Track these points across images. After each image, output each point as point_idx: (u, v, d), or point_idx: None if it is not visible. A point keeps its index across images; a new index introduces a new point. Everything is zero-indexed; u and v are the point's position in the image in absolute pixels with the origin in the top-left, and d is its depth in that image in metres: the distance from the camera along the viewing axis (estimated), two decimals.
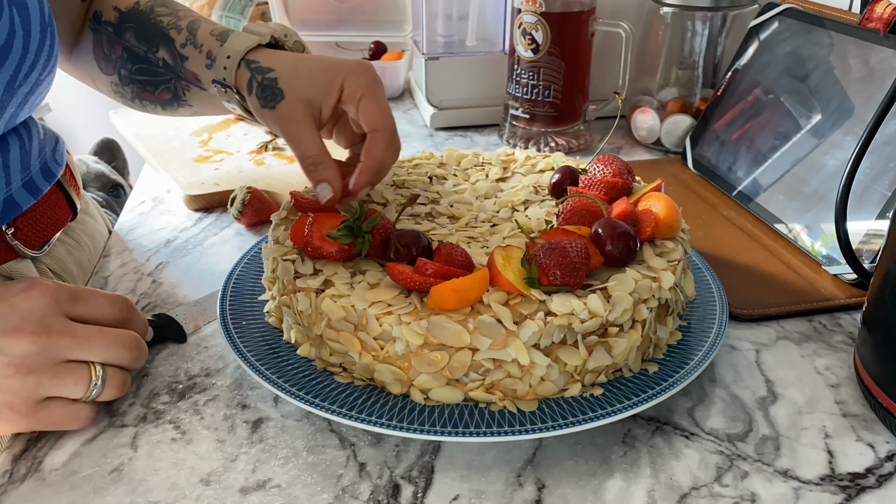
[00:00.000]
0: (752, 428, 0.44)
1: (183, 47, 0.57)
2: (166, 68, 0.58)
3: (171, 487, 0.40)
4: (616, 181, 0.52)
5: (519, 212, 0.54)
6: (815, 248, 0.61)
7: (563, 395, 0.43)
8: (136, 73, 0.60)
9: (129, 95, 0.62)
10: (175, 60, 0.57)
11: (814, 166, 0.65)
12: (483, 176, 0.60)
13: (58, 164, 0.60)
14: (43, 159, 0.57)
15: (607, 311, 0.42)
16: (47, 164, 0.58)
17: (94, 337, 0.42)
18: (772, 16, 0.76)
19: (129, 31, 0.59)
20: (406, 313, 0.41)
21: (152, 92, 0.60)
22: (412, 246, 0.45)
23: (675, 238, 0.49)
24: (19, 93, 0.49)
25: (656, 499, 0.39)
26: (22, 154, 0.54)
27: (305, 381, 0.44)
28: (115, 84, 0.62)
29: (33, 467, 0.41)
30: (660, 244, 0.49)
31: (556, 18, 0.79)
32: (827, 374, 0.49)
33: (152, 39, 0.58)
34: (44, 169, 0.57)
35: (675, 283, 0.46)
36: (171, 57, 0.57)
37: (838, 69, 0.66)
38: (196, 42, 0.56)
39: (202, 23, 0.57)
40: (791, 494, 0.40)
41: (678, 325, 0.49)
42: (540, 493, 0.40)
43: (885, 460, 0.42)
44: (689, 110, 0.84)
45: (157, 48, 0.58)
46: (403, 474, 0.41)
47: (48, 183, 0.57)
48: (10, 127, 0.52)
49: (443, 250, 0.44)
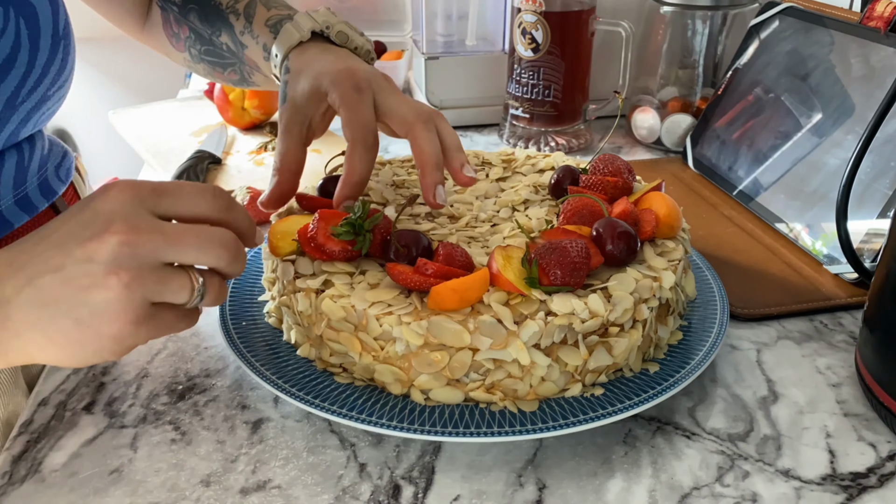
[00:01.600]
0: (754, 428, 0.44)
1: (242, 35, 0.57)
2: (230, 53, 0.58)
3: (171, 488, 0.40)
4: (616, 180, 0.52)
5: (519, 212, 0.54)
6: (815, 248, 0.61)
7: (564, 395, 0.43)
8: (205, 55, 0.60)
9: (203, 72, 0.63)
10: (237, 46, 0.58)
11: (814, 165, 0.65)
12: (483, 176, 0.60)
13: (61, 182, 0.58)
14: (43, 175, 0.56)
15: (608, 310, 0.42)
16: (48, 180, 0.56)
17: (185, 236, 0.37)
18: (772, 15, 0.76)
19: (193, 13, 0.59)
20: (406, 313, 0.41)
21: (221, 72, 0.61)
22: (412, 246, 0.45)
23: (675, 237, 0.49)
24: (21, 109, 0.48)
25: (657, 499, 0.39)
26: (17, 169, 0.52)
27: (305, 382, 0.44)
28: (187, 60, 0.62)
29: (33, 468, 0.41)
30: (660, 243, 0.49)
31: (556, 18, 0.79)
32: (828, 374, 0.49)
33: (214, 23, 0.58)
34: (43, 186, 0.55)
35: (675, 282, 0.46)
36: (233, 43, 0.57)
37: (839, 68, 0.66)
38: (253, 32, 0.56)
39: (258, 6, 0.57)
40: (792, 494, 0.40)
41: (679, 325, 0.49)
42: (541, 493, 0.40)
43: (887, 460, 0.42)
44: (689, 109, 0.84)
45: (220, 32, 0.58)
46: (404, 475, 0.41)
47: (46, 201, 0.55)
48: (10, 143, 0.50)
49: (443, 250, 0.44)
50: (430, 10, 0.89)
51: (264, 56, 0.56)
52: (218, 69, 0.61)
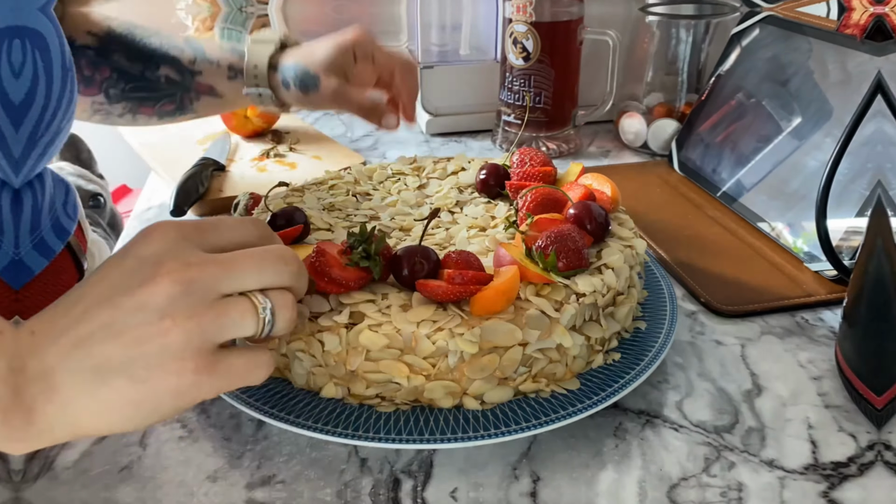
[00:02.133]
0: (739, 420, 0.45)
1: (193, 63, 0.60)
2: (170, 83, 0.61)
3: (180, 484, 0.41)
4: (551, 170, 0.57)
5: (457, 212, 0.56)
6: (796, 246, 0.63)
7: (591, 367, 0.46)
8: (132, 91, 0.61)
9: (119, 112, 0.63)
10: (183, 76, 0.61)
11: (795, 167, 0.66)
12: (403, 186, 0.60)
13: (70, 219, 0.54)
14: (54, 214, 0.52)
15: (618, 282, 0.47)
16: (59, 219, 0.53)
17: (240, 261, 0.34)
18: (753, 23, 0.77)
19: (118, 54, 0.61)
20: (456, 325, 0.41)
21: (152, 106, 0.63)
22: (425, 261, 0.44)
23: (618, 210, 0.55)
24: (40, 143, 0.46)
25: (647, 489, 0.40)
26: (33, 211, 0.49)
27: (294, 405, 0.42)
28: (97, 104, 0.62)
29: (46, 466, 0.42)
30: (615, 217, 0.53)
31: (545, 27, 0.80)
32: (810, 368, 0.50)
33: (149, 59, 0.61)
34: (56, 226, 0.52)
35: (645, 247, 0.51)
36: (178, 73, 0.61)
37: (817, 74, 0.68)
38: (209, 58, 0.61)
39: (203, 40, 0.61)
40: (776, 483, 0.41)
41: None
42: (535, 485, 0.41)
43: (866, 449, 0.43)
44: (674, 115, 0.86)
45: (157, 66, 0.61)
46: (403, 469, 0.42)
47: (61, 242, 0.52)
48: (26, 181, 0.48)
49: (456, 258, 0.44)
50: (425, 21, 0.90)
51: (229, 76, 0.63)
52: (148, 103, 0.63)
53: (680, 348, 0.52)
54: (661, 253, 0.64)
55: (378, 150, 0.89)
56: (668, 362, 0.51)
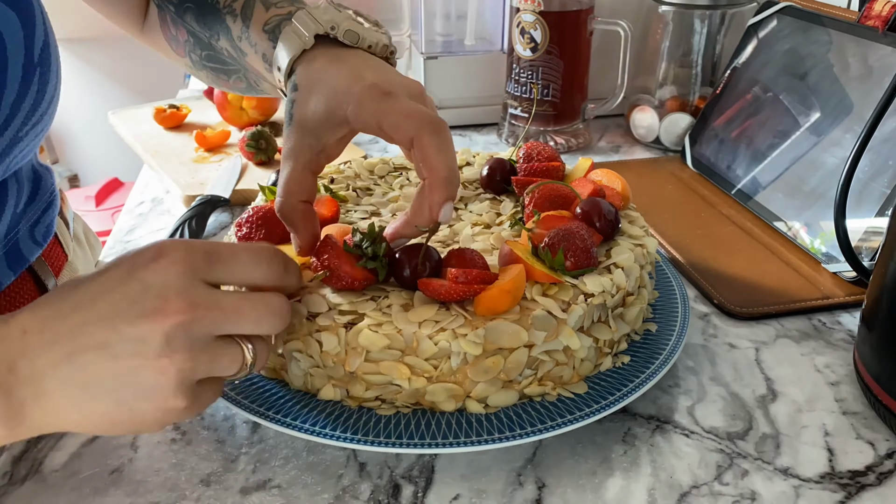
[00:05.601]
0: (752, 426, 0.45)
1: (239, 40, 0.48)
2: (232, 59, 0.51)
3: (172, 488, 0.40)
4: (559, 165, 0.55)
5: (461, 209, 0.55)
6: (814, 246, 0.61)
7: (599, 370, 0.45)
8: (207, 60, 0.53)
9: (207, 79, 0.55)
10: (237, 53, 0.50)
11: (813, 164, 0.65)
12: (406, 181, 0.59)
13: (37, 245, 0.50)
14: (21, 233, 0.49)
15: (627, 282, 0.45)
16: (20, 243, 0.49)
17: (243, 308, 0.35)
18: (770, 14, 0.76)
19: (190, 13, 0.51)
20: (459, 326, 0.40)
21: (226, 80, 0.54)
22: (427, 260, 0.43)
23: (628, 207, 0.53)
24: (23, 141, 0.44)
25: (656, 497, 0.40)
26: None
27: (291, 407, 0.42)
28: (189, 66, 0.55)
29: (33, 468, 0.41)
30: (625, 214, 0.52)
31: (554, 17, 0.79)
32: (826, 372, 0.49)
33: (213, 26, 0.50)
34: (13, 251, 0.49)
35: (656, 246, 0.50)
36: (233, 48, 0.50)
37: (837, 67, 0.67)
38: (251, 38, 0.48)
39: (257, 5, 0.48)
40: (791, 493, 0.40)
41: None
42: (540, 492, 0.40)
43: (885, 458, 0.42)
44: (687, 108, 0.84)
45: (219, 36, 0.50)
46: (404, 474, 0.41)
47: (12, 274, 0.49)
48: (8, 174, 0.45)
49: (459, 256, 0.43)
50: (429, 10, 0.89)
51: (265, 67, 0.47)
52: (222, 76, 0.53)
53: (692, 351, 0.51)
54: (673, 252, 0.63)
55: (379, 143, 0.88)
56: (679, 366, 0.50)
